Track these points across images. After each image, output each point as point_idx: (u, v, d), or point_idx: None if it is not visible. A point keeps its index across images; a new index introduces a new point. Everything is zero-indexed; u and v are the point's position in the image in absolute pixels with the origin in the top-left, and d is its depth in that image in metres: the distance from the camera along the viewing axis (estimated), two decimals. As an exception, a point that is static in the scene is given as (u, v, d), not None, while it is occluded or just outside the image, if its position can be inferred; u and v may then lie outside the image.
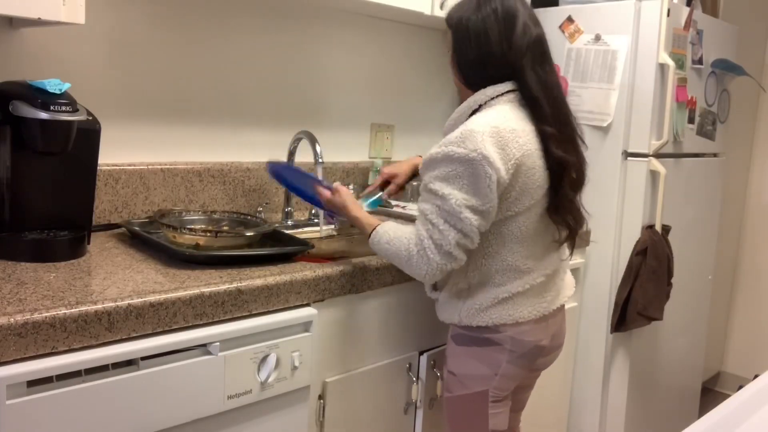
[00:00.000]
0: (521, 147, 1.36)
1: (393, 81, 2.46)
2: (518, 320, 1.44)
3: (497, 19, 1.40)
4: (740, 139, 3.41)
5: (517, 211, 1.39)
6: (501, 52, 1.40)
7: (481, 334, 1.46)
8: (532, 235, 1.43)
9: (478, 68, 1.44)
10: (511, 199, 1.37)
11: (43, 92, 1.32)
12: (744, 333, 3.61)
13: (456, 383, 1.50)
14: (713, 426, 0.94)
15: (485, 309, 1.44)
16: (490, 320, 1.43)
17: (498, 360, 1.46)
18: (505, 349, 1.45)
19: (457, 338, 1.50)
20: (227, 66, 1.98)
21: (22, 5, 1.27)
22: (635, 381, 2.42)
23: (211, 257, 1.43)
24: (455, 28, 1.45)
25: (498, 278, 1.44)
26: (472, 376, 1.47)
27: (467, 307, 1.46)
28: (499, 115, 1.38)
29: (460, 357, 1.50)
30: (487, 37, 1.40)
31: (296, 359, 1.37)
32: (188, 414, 1.23)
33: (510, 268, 1.43)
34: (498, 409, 1.49)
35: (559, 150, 1.39)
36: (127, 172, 1.76)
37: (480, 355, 1.47)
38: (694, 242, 2.66)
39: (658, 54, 2.23)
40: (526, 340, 1.46)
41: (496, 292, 1.43)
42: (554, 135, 1.39)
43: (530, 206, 1.40)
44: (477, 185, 1.31)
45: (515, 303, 1.44)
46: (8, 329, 1.01)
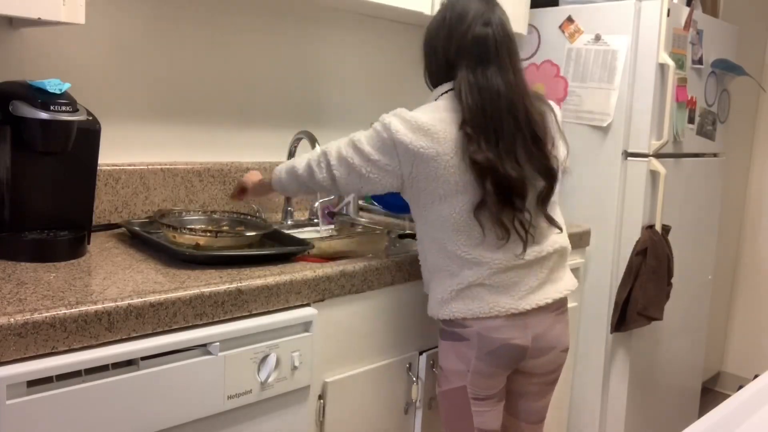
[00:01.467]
0: (433, 134, 1.40)
1: (393, 81, 2.46)
2: (479, 315, 1.44)
3: (444, 24, 1.48)
4: (740, 139, 3.41)
5: (440, 195, 1.41)
6: (444, 55, 1.48)
7: (451, 327, 1.49)
8: (470, 225, 1.41)
9: (432, 70, 1.54)
10: (427, 181, 1.42)
11: (43, 92, 1.32)
12: (744, 333, 3.61)
13: (442, 378, 1.54)
14: (713, 426, 0.94)
15: (447, 301, 1.47)
16: (451, 313, 1.46)
17: (468, 355, 1.47)
18: (474, 345, 1.46)
19: (440, 333, 1.54)
20: (227, 66, 1.98)
21: (22, 5, 1.27)
22: (635, 381, 2.42)
23: (211, 257, 1.43)
24: (424, 37, 1.55)
25: (449, 266, 1.45)
26: (451, 371, 1.51)
27: (433, 299, 1.50)
28: (430, 108, 1.46)
29: (444, 351, 1.53)
30: (437, 40, 1.49)
31: (296, 359, 1.37)
32: (188, 414, 1.23)
33: (454, 256, 1.44)
34: (482, 407, 1.49)
35: (478, 150, 1.37)
36: (127, 172, 1.76)
37: (455, 349, 1.50)
38: (694, 242, 2.66)
39: (658, 54, 2.23)
40: (494, 337, 1.44)
41: (451, 283, 1.45)
42: (471, 135, 1.38)
43: (453, 192, 1.40)
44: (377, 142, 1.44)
45: (474, 297, 1.44)
46: (8, 329, 1.01)
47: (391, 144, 1.42)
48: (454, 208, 1.41)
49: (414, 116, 1.43)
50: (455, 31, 1.45)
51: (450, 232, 1.43)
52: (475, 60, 1.42)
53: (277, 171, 1.62)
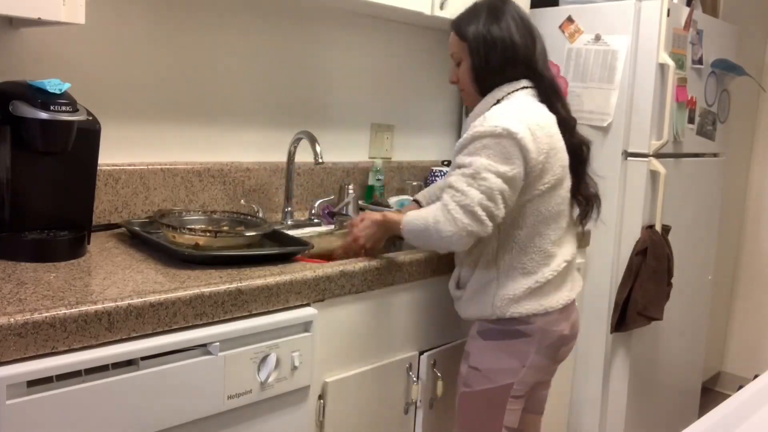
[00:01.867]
0: (542, 127, 1.46)
1: (393, 81, 2.46)
2: (548, 309, 1.49)
3: (518, 27, 1.52)
4: (740, 139, 3.41)
5: (542, 190, 1.47)
6: (525, 55, 1.52)
7: (512, 326, 1.50)
8: (556, 218, 1.51)
9: (499, 71, 1.53)
10: (537, 177, 1.45)
11: (43, 92, 1.32)
12: (744, 333, 3.61)
13: (478, 378, 1.53)
14: (713, 426, 0.94)
15: (519, 300, 1.48)
16: (524, 310, 1.48)
17: (527, 352, 1.50)
18: (534, 340, 1.50)
19: (484, 333, 1.54)
20: (227, 66, 1.98)
21: (22, 5, 1.27)
22: (635, 381, 2.42)
23: (211, 257, 1.43)
24: (473, 38, 1.54)
25: (528, 264, 1.49)
26: (499, 370, 1.51)
27: (500, 298, 1.49)
28: (520, 101, 1.50)
29: (487, 351, 1.53)
30: (513, 43, 1.51)
31: (296, 359, 1.37)
32: (188, 414, 1.23)
33: (538, 251, 1.49)
34: (515, 405, 1.53)
35: (578, 133, 1.58)
36: (127, 172, 1.76)
37: (509, 347, 1.51)
38: (694, 242, 2.66)
39: (658, 54, 2.23)
40: (553, 329, 1.51)
41: (527, 281, 1.48)
42: (573, 120, 1.57)
43: (553, 185, 1.48)
44: (503, 155, 1.41)
45: (545, 293, 1.50)
46: (8, 329, 1.01)
47: (514, 147, 1.41)
48: (552, 199, 1.48)
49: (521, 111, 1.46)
50: (533, 31, 1.55)
51: (540, 227, 1.49)
52: (544, 63, 1.57)
53: (409, 217, 1.49)
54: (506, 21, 1.52)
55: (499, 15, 1.52)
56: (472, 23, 1.54)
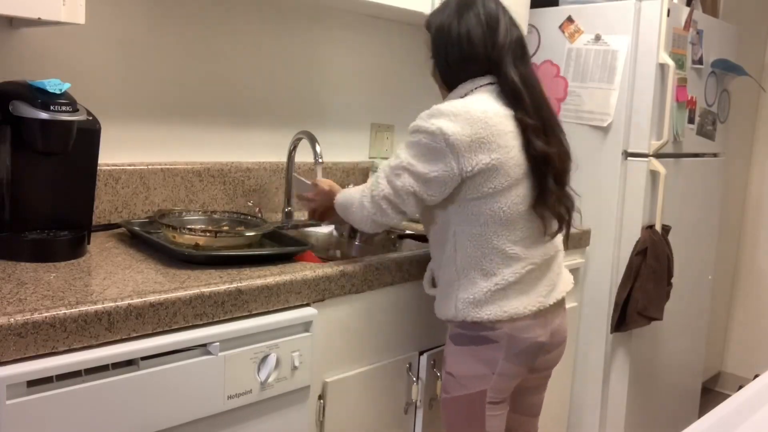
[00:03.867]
0: (490, 126, 1.40)
1: (393, 81, 2.46)
2: (513, 316, 1.43)
3: (480, 22, 1.47)
4: (740, 139, 3.41)
5: (494, 189, 1.40)
6: (485, 52, 1.47)
7: (478, 331, 1.45)
8: (517, 219, 1.43)
9: (459, 67, 1.50)
10: (484, 176, 1.40)
11: (43, 92, 1.32)
12: (744, 333, 3.61)
13: (454, 384, 1.50)
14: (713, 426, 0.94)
15: (480, 303, 1.43)
16: (485, 315, 1.42)
17: (495, 358, 1.45)
18: (502, 347, 1.44)
19: (455, 338, 1.50)
20: (227, 66, 1.98)
21: (22, 5, 1.27)
22: (635, 381, 2.42)
23: (211, 257, 1.43)
24: (435, 32, 1.53)
25: (486, 264, 1.43)
26: (470, 376, 1.47)
27: (462, 300, 1.45)
28: (474, 99, 1.45)
29: (458, 357, 1.49)
30: (470, 39, 1.47)
31: (296, 359, 1.37)
32: (188, 414, 1.23)
33: (496, 251, 1.43)
34: (495, 411, 1.48)
35: (539, 141, 1.44)
36: (127, 172, 1.76)
37: (477, 353, 1.46)
38: (694, 242, 2.66)
39: (658, 54, 2.23)
40: (524, 336, 1.45)
41: (486, 283, 1.43)
42: (535, 126, 1.44)
43: (508, 186, 1.41)
44: (428, 154, 1.39)
45: (508, 297, 1.43)
46: (8, 329, 1.01)
47: (445, 149, 1.38)
48: (506, 201, 1.42)
49: (465, 108, 1.41)
50: (495, 28, 1.47)
51: (496, 226, 1.43)
52: (515, 58, 1.48)
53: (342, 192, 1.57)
54: (468, 17, 1.47)
55: (463, 11, 1.48)
56: (438, 16, 1.53)
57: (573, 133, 2.35)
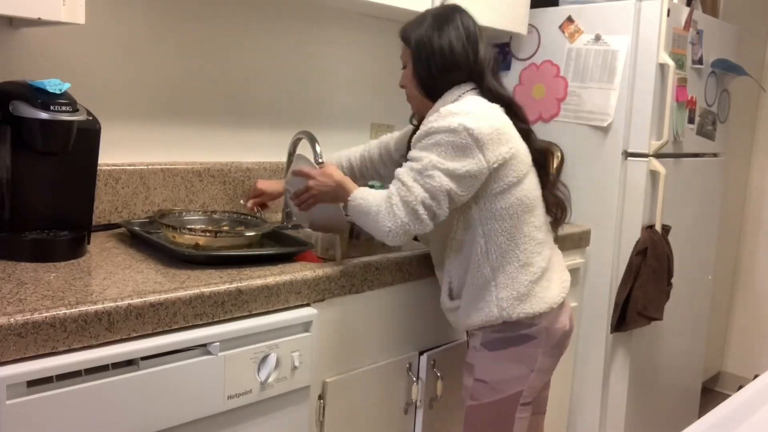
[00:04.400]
0: (500, 119, 1.47)
1: (393, 81, 2.45)
2: (552, 306, 1.48)
3: (459, 36, 1.51)
4: (740, 139, 3.41)
5: (517, 177, 1.46)
6: (467, 62, 1.51)
7: (517, 331, 1.48)
8: (536, 204, 1.51)
9: (442, 75, 1.52)
10: (507, 166, 1.45)
11: (43, 92, 1.32)
12: (744, 333, 3.61)
13: (486, 390, 1.50)
14: (713, 426, 0.94)
15: (523, 298, 1.46)
16: (531, 310, 1.46)
17: (534, 355, 1.49)
18: (541, 342, 1.49)
19: (489, 344, 1.50)
20: (227, 66, 1.98)
21: (22, 5, 1.27)
22: (635, 381, 2.42)
23: (211, 257, 1.43)
24: (416, 45, 1.53)
25: (521, 255, 1.47)
26: (506, 380, 1.49)
27: (505, 299, 1.46)
28: (471, 101, 1.49)
29: (494, 362, 1.50)
30: (452, 50, 1.50)
31: (296, 359, 1.37)
32: (188, 414, 1.23)
33: (528, 239, 1.48)
34: (524, 413, 1.52)
35: (538, 141, 1.57)
36: (127, 172, 1.76)
37: (516, 354, 1.49)
38: (694, 242, 2.66)
39: (658, 54, 2.23)
40: (557, 327, 1.51)
41: (525, 274, 1.47)
42: (528, 130, 1.55)
43: (526, 172, 1.49)
44: (456, 151, 1.39)
45: (544, 286, 1.49)
46: (8, 329, 1.01)
47: (471, 143, 1.40)
48: (528, 187, 1.48)
49: (472, 107, 1.45)
50: (476, 43, 1.52)
51: (524, 215, 1.48)
52: (492, 69, 1.55)
53: (357, 194, 1.45)
54: (448, 31, 1.50)
55: (443, 24, 1.51)
56: (416, 30, 1.54)
57: (573, 133, 2.36)
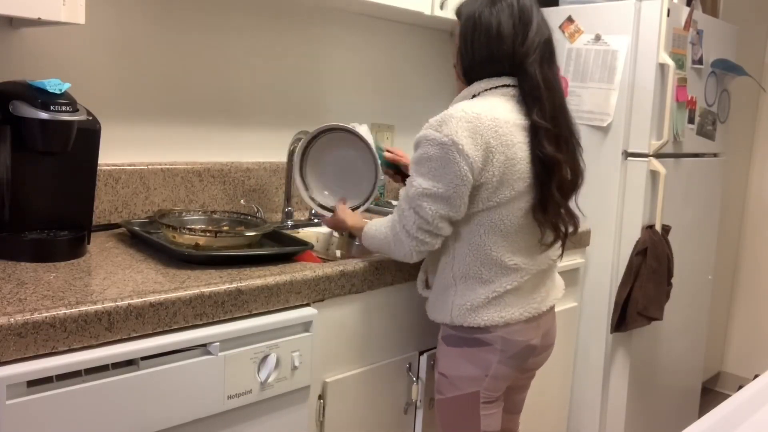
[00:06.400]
0: (500, 136, 1.36)
1: (393, 81, 2.46)
2: (509, 321, 1.44)
3: (512, 14, 1.40)
4: (740, 139, 3.41)
5: (498, 202, 1.39)
6: (512, 46, 1.40)
7: (472, 334, 1.45)
8: (517, 231, 1.42)
9: (484, 63, 1.43)
10: (491, 189, 1.38)
11: (43, 92, 1.32)
12: (744, 333, 3.61)
13: (447, 385, 1.50)
14: (713, 426, 0.94)
15: (476, 309, 1.43)
16: (481, 321, 1.43)
17: (488, 360, 1.45)
18: (496, 350, 1.45)
19: (447, 339, 1.50)
20: (227, 66, 1.98)
21: (22, 5, 1.27)
22: (635, 381, 2.42)
23: (211, 257, 1.43)
24: (464, 20, 1.45)
25: (484, 273, 1.42)
26: (463, 378, 1.47)
27: (458, 306, 1.45)
28: (486, 104, 1.40)
29: (451, 358, 1.49)
30: (499, 32, 1.40)
31: (296, 359, 1.37)
32: (188, 414, 1.23)
33: (494, 262, 1.42)
34: (490, 410, 1.49)
35: (550, 147, 1.39)
36: (127, 172, 1.76)
37: (470, 355, 1.46)
38: (694, 242, 2.66)
39: (658, 54, 2.23)
40: (517, 339, 1.45)
41: (485, 290, 1.42)
42: (548, 130, 1.39)
43: (511, 198, 1.39)
44: (444, 170, 1.35)
45: (505, 303, 1.43)
46: (8, 329, 1.01)
47: (458, 159, 1.34)
48: (507, 213, 1.40)
49: (476, 115, 1.36)
50: (527, 25, 1.41)
51: (496, 238, 1.41)
52: (542, 58, 1.42)
53: (369, 229, 1.53)
54: (501, 7, 1.40)
55: (496, 1, 1.42)
56: (470, 6, 1.45)
57: (573, 133, 2.36)
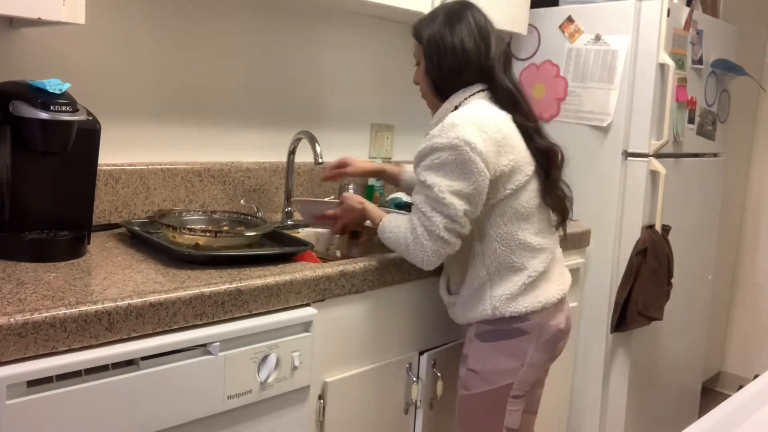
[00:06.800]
0: (501, 129, 1.46)
1: (393, 81, 2.46)
2: (545, 305, 1.50)
3: (471, 32, 1.51)
4: (740, 139, 3.41)
5: (515, 188, 1.48)
6: (478, 63, 1.52)
7: (511, 324, 1.50)
8: (536, 212, 1.51)
9: (453, 74, 1.53)
10: (506, 177, 1.46)
11: (43, 92, 1.32)
12: (744, 333, 3.61)
13: (477, 380, 1.53)
14: (713, 426, 0.94)
15: (515, 297, 1.48)
16: (522, 308, 1.48)
17: (525, 349, 1.51)
18: (533, 337, 1.50)
19: (482, 335, 1.53)
20: (227, 66, 1.98)
21: (22, 5, 1.27)
22: (635, 381, 2.42)
23: (211, 257, 1.43)
24: (428, 42, 1.55)
25: (516, 260, 1.49)
26: (498, 371, 1.51)
27: (497, 298, 1.49)
28: (476, 107, 1.49)
29: (486, 353, 1.53)
30: (464, 49, 1.51)
31: (296, 359, 1.37)
32: (188, 414, 1.23)
33: (523, 246, 1.49)
34: (515, 406, 1.53)
35: (540, 139, 1.53)
36: (127, 172, 1.76)
37: (508, 347, 1.51)
38: (694, 242, 2.66)
39: (658, 54, 2.23)
40: (550, 324, 1.52)
41: (521, 277, 1.49)
42: (534, 127, 1.53)
43: (526, 182, 1.49)
44: (461, 169, 1.41)
45: (540, 287, 1.50)
46: (8, 329, 1.01)
47: (474, 158, 1.40)
48: (525, 197, 1.49)
49: (476, 116, 1.45)
50: (487, 39, 1.52)
51: (520, 222, 1.49)
52: (505, 67, 1.55)
53: (386, 225, 1.54)
54: (460, 27, 1.51)
55: (454, 21, 1.52)
56: (428, 27, 1.55)
57: (573, 133, 2.36)
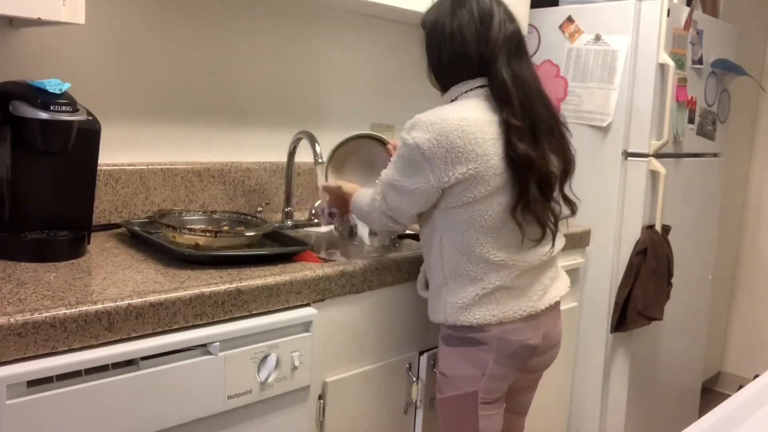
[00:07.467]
0: (467, 135, 1.36)
1: (393, 81, 2.46)
2: (502, 320, 1.42)
3: (473, 19, 1.43)
4: (740, 139, 3.41)
5: (473, 198, 1.37)
6: (477, 49, 1.43)
7: (467, 333, 1.45)
8: (500, 226, 1.40)
9: (452, 67, 1.47)
10: (464, 185, 1.37)
11: (43, 92, 1.32)
12: (744, 333, 3.61)
13: (447, 384, 1.50)
14: (713, 426, 0.94)
15: (468, 307, 1.42)
16: (474, 319, 1.42)
17: (484, 360, 1.45)
18: (492, 349, 1.44)
19: (446, 339, 1.50)
20: (227, 66, 1.98)
21: (22, 5, 1.27)
22: (635, 381, 2.42)
23: (211, 257, 1.43)
24: (429, 30, 1.51)
25: (472, 270, 1.42)
26: (461, 377, 1.47)
27: (450, 305, 1.44)
28: (456, 107, 1.41)
29: (450, 357, 1.49)
30: (462, 36, 1.43)
31: (296, 359, 1.37)
32: (188, 414, 1.23)
33: (480, 259, 1.41)
34: (489, 411, 1.48)
35: (522, 144, 1.37)
36: (127, 172, 1.76)
37: (467, 355, 1.46)
38: (694, 242, 2.66)
39: (658, 54, 2.23)
40: (513, 339, 1.44)
41: (475, 288, 1.42)
42: (519, 128, 1.38)
43: (488, 194, 1.37)
44: (411, 168, 1.40)
45: (498, 301, 1.42)
46: (8, 329, 1.01)
47: (422, 161, 1.37)
48: (487, 209, 1.38)
49: (443, 117, 1.37)
50: (489, 24, 1.43)
51: (479, 234, 1.40)
52: (509, 55, 1.43)
53: (357, 197, 1.61)
54: (461, 13, 1.43)
55: (457, 7, 1.44)
56: (432, 15, 1.50)
57: (573, 133, 2.35)
